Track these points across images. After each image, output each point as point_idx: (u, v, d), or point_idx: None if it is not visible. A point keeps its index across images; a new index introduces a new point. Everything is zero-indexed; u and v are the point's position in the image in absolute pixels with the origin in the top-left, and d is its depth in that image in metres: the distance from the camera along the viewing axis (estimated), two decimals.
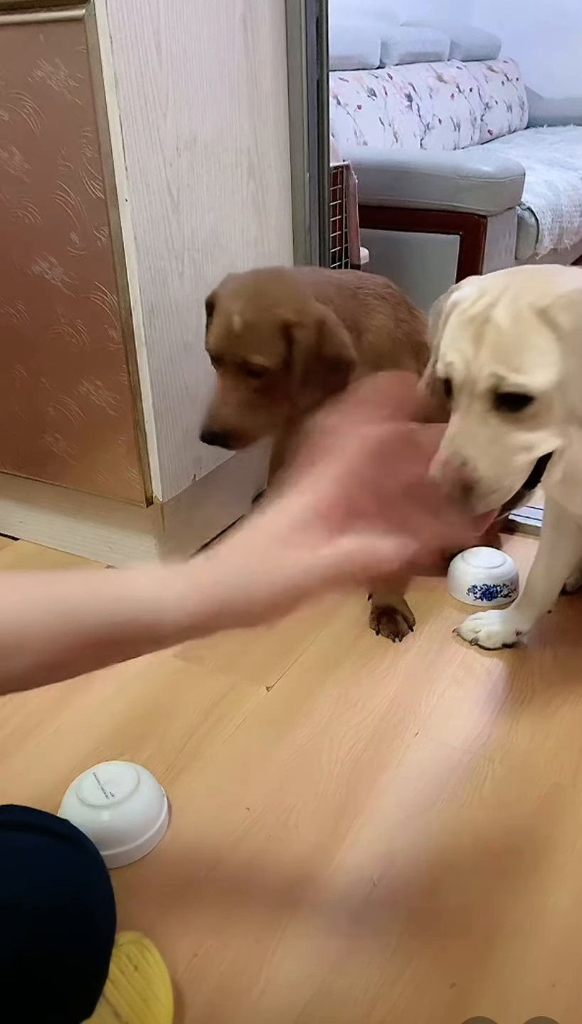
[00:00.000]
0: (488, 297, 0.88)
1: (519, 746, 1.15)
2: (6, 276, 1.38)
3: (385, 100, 3.16)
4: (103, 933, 0.67)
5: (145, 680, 1.29)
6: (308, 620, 1.41)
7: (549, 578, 1.28)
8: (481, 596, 1.43)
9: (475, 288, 0.91)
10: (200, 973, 0.87)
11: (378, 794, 1.08)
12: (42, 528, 1.66)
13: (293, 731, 1.19)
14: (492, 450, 0.89)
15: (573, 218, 2.85)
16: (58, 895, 0.64)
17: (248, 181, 1.47)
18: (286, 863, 1.00)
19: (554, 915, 0.93)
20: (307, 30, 1.46)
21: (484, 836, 1.02)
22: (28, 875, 0.65)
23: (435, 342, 0.96)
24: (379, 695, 1.25)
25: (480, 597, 1.43)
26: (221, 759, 1.15)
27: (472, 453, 0.88)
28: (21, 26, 1.17)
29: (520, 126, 4.20)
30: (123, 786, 1.03)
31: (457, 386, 0.90)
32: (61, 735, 1.19)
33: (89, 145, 1.20)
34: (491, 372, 0.86)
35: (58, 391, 1.44)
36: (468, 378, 0.88)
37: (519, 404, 0.87)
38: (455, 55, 3.81)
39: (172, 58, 1.23)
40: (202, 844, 1.02)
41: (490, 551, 1.48)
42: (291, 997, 0.85)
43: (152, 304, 1.31)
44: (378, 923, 0.92)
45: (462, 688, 1.26)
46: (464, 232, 2.25)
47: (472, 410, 0.89)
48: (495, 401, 0.88)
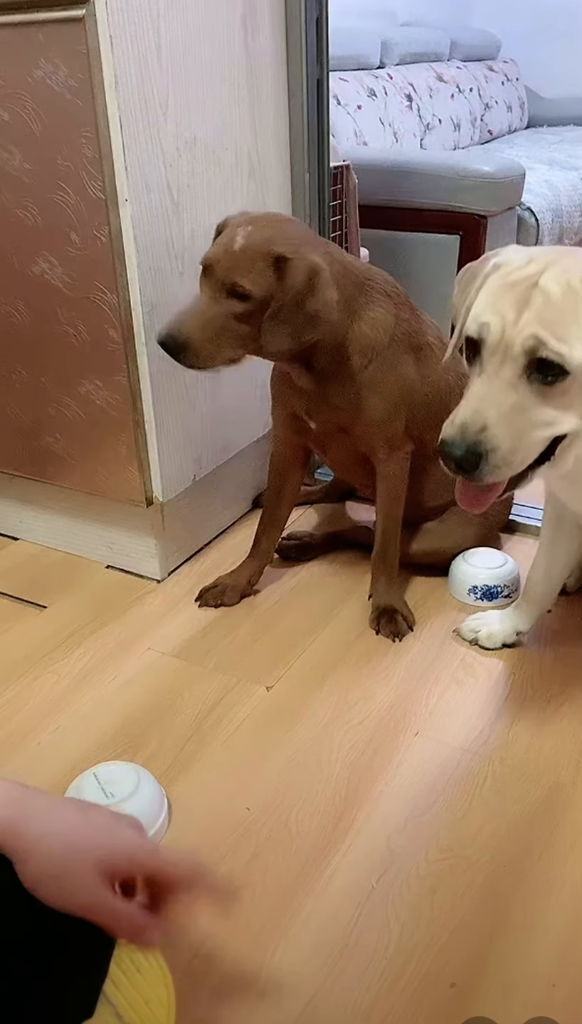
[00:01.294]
0: (537, 264, 0.87)
1: (519, 746, 1.15)
2: (6, 276, 1.38)
3: (385, 100, 3.16)
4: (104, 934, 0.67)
5: (145, 680, 1.29)
6: (308, 620, 1.41)
7: (549, 577, 1.28)
8: (482, 597, 1.43)
9: (523, 254, 0.90)
10: (200, 973, 0.87)
11: (378, 794, 1.08)
12: (42, 528, 1.66)
13: (293, 731, 1.19)
14: (515, 419, 0.87)
15: (573, 218, 2.85)
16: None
17: (248, 181, 1.47)
18: (286, 863, 1.00)
19: (555, 915, 0.93)
20: (307, 30, 1.46)
21: (484, 836, 1.02)
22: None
23: (465, 304, 0.94)
24: (379, 695, 1.25)
25: (481, 598, 1.43)
26: (221, 759, 1.15)
27: (494, 419, 0.86)
28: (21, 26, 1.17)
29: (520, 126, 4.20)
30: (123, 786, 1.03)
31: (490, 348, 0.88)
32: (61, 735, 1.19)
33: (89, 145, 1.20)
34: (532, 334, 0.84)
35: (58, 391, 1.44)
36: (504, 340, 0.86)
37: (552, 376, 0.85)
38: (455, 55, 3.81)
39: (172, 58, 1.23)
40: (202, 844, 1.02)
41: (491, 551, 1.48)
42: (291, 997, 0.85)
43: (152, 304, 1.31)
44: (378, 923, 0.92)
45: (462, 688, 1.26)
46: (464, 232, 2.25)
47: (501, 375, 0.87)
48: (527, 368, 0.86)
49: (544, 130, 4.15)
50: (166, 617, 1.44)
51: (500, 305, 0.87)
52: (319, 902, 0.95)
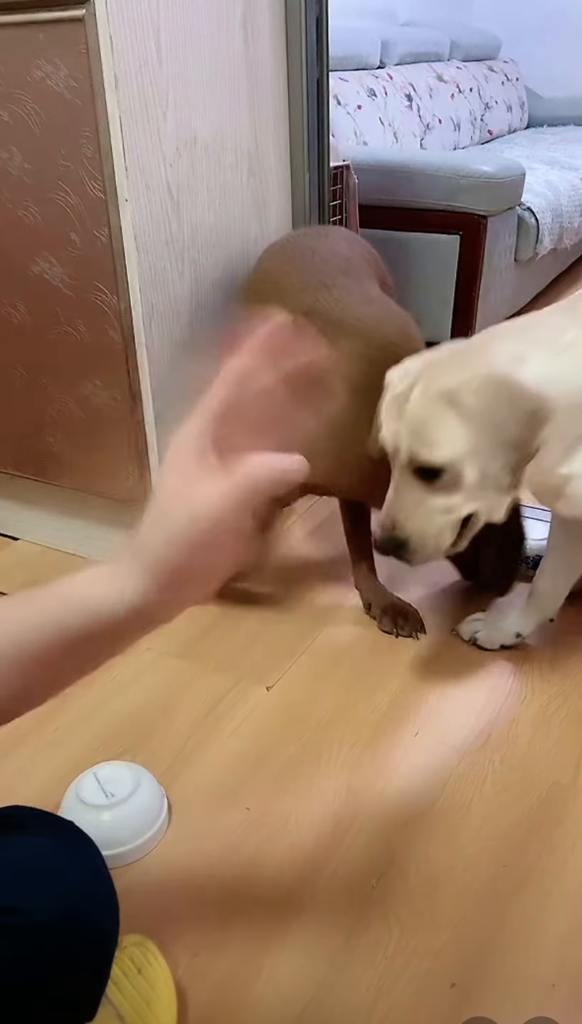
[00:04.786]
0: (410, 378, 1.01)
1: (519, 746, 1.15)
2: (6, 276, 1.38)
3: (385, 100, 3.16)
4: (106, 935, 0.67)
5: (145, 680, 1.29)
6: (308, 620, 1.41)
7: (554, 585, 1.28)
8: (532, 566, 1.36)
9: (401, 370, 1.04)
10: (200, 973, 0.87)
11: (378, 794, 1.08)
12: (42, 528, 1.66)
13: (293, 731, 1.19)
14: (417, 512, 1.03)
15: (573, 218, 2.85)
16: (61, 898, 0.64)
17: (248, 181, 1.47)
18: (286, 863, 1.00)
19: (554, 915, 0.93)
20: (307, 30, 1.46)
21: (484, 836, 1.02)
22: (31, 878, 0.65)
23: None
24: (379, 695, 1.25)
25: (532, 567, 1.36)
26: (221, 759, 1.15)
27: (400, 515, 1.03)
28: (21, 26, 1.17)
29: (520, 126, 4.20)
30: (123, 786, 1.03)
31: (390, 457, 1.04)
32: (61, 735, 1.19)
33: (89, 145, 1.20)
34: (407, 447, 1.00)
35: (58, 391, 1.44)
36: (394, 450, 1.02)
37: (433, 474, 0.99)
38: (455, 55, 3.81)
39: (172, 58, 1.23)
40: (202, 844, 1.02)
41: (535, 524, 1.41)
42: (292, 997, 0.85)
43: (152, 304, 1.31)
44: (378, 923, 0.92)
45: (462, 688, 1.26)
46: (464, 232, 2.25)
47: (401, 478, 1.03)
48: (414, 471, 1.01)
49: (544, 130, 4.15)
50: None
51: (388, 420, 1.03)
52: (319, 902, 0.95)
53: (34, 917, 0.61)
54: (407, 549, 1.04)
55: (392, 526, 1.04)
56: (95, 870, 0.70)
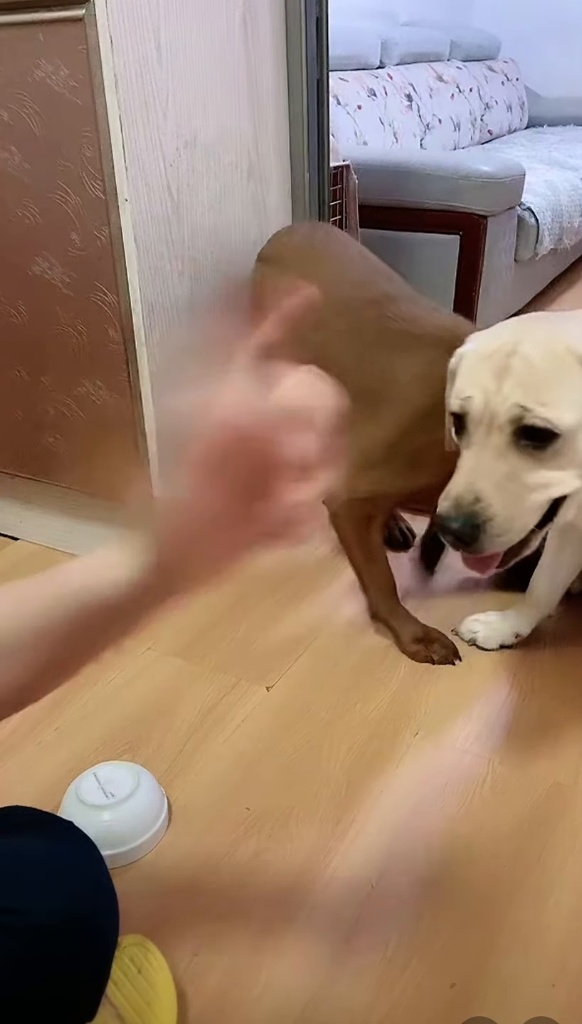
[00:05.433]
0: (508, 336, 0.87)
1: (519, 746, 1.15)
2: (6, 276, 1.38)
3: (385, 100, 3.16)
4: (106, 936, 0.67)
5: (145, 680, 1.29)
6: (308, 620, 1.41)
7: (553, 582, 1.28)
8: None
9: (488, 334, 0.91)
10: (200, 973, 0.87)
11: (378, 794, 1.08)
12: (42, 528, 1.66)
13: (293, 731, 1.19)
14: (508, 487, 0.85)
15: (573, 218, 2.85)
16: (61, 898, 0.64)
17: (248, 181, 1.47)
18: (286, 863, 1.00)
19: (554, 915, 0.93)
20: (307, 30, 1.46)
21: (484, 836, 1.02)
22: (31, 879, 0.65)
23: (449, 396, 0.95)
24: (379, 695, 1.25)
25: None
26: (221, 759, 1.15)
27: (487, 489, 0.85)
28: (21, 26, 1.17)
29: (520, 126, 4.20)
30: (123, 786, 1.03)
31: (474, 420, 0.88)
32: (61, 735, 1.19)
33: (89, 145, 1.20)
34: (515, 403, 0.84)
35: (58, 391, 1.44)
36: (487, 411, 0.86)
37: (542, 440, 0.84)
38: (455, 55, 3.81)
39: (172, 58, 1.23)
40: (202, 844, 1.02)
41: None
42: (291, 997, 0.85)
43: (152, 304, 1.31)
44: (378, 923, 0.92)
45: (462, 688, 1.26)
46: (464, 232, 2.25)
47: (489, 444, 0.86)
48: (515, 435, 0.85)
49: (544, 130, 4.15)
50: (166, 617, 1.44)
51: (480, 377, 0.87)
52: (319, 902, 0.95)
53: (34, 917, 0.61)
54: (485, 532, 0.85)
55: (475, 499, 0.85)
56: (95, 870, 0.70)
